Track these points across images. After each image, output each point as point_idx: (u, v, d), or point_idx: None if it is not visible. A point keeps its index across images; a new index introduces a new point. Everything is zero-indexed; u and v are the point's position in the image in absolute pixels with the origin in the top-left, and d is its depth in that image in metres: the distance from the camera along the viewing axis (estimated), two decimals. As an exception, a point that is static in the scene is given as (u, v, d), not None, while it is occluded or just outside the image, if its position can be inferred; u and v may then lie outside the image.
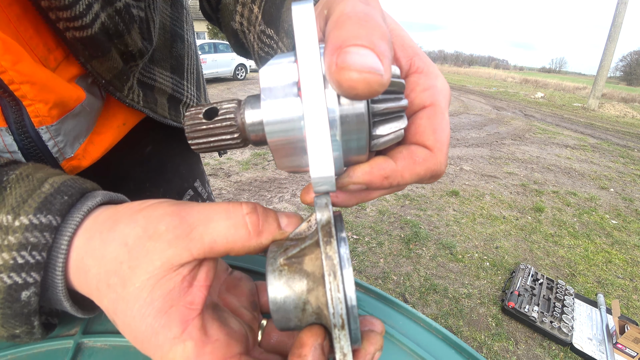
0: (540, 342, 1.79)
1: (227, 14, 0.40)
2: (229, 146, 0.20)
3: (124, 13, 0.32)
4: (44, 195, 0.20)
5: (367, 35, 0.14)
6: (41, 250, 0.19)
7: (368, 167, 0.18)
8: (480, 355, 0.31)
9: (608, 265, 2.52)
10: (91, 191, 0.23)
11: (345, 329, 0.16)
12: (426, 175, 0.19)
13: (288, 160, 0.19)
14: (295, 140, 0.18)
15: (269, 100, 0.18)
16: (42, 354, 0.29)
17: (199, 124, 0.19)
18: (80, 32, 0.29)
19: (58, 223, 0.20)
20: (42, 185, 0.21)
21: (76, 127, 0.34)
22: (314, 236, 0.19)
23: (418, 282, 2.16)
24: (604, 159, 5.19)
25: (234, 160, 3.76)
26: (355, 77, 0.13)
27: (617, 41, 11.34)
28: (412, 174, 0.19)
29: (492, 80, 24.53)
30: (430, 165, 0.19)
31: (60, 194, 0.21)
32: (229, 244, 0.20)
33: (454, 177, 3.83)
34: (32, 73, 0.27)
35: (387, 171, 0.18)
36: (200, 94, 0.57)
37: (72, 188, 0.21)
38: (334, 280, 0.16)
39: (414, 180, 0.19)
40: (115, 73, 0.34)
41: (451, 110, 7.99)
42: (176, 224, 0.19)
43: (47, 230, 0.20)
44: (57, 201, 0.20)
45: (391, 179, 0.18)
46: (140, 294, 0.18)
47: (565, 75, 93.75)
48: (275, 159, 0.19)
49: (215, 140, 0.19)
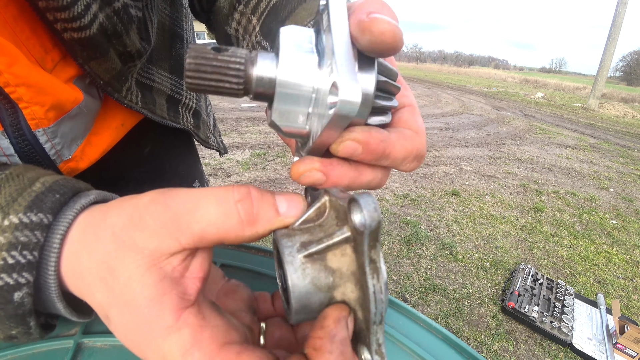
0: (540, 342, 1.79)
1: (221, 18, 0.39)
2: (227, 90, 0.18)
3: (122, 13, 0.32)
4: (35, 194, 0.20)
5: (389, 11, 0.17)
6: (32, 249, 0.19)
7: (367, 128, 0.19)
8: (480, 355, 0.31)
9: (608, 265, 2.52)
10: (84, 191, 0.23)
11: (382, 324, 0.17)
12: (412, 151, 0.21)
13: (288, 114, 0.19)
14: (303, 98, 0.18)
15: (287, 54, 0.18)
16: (42, 354, 0.29)
17: (204, 56, 0.18)
18: (78, 33, 0.28)
19: (50, 221, 0.19)
20: (33, 184, 0.21)
21: (73, 129, 0.33)
22: (342, 233, 0.18)
23: (418, 282, 2.15)
24: (604, 159, 5.19)
25: (234, 160, 3.76)
26: (386, 26, 0.16)
27: (617, 41, 11.34)
28: (402, 146, 0.20)
29: (492, 80, 24.53)
30: (416, 144, 0.21)
31: (52, 192, 0.20)
32: (220, 233, 0.18)
33: (454, 177, 3.83)
34: (28, 75, 0.27)
35: (383, 135, 0.19)
36: (199, 94, 0.57)
37: (64, 187, 0.21)
38: (377, 283, 0.17)
39: (402, 155, 0.20)
40: (113, 74, 0.34)
41: (451, 110, 8.00)
42: (161, 212, 0.18)
43: (38, 229, 0.19)
44: (49, 199, 0.20)
45: (385, 144, 0.19)
46: (131, 284, 0.17)
47: (565, 75, 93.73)
48: (275, 109, 0.19)
49: (216, 79, 0.18)
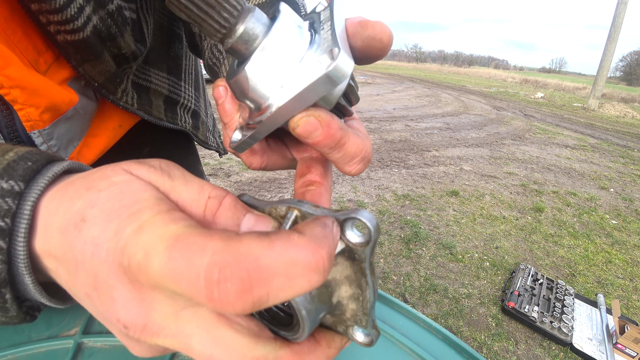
0: (540, 342, 1.79)
1: None
2: (208, 27, 0.17)
3: (116, 16, 0.31)
4: (7, 162, 0.19)
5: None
6: (4, 216, 0.18)
7: (330, 113, 0.20)
8: (480, 355, 0.31)
9: (608, 265, 2.52)
10: (59, 160, 0.22)
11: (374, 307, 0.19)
12: (363, 149, 0.21)
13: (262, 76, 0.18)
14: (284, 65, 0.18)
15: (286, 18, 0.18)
16: (42, 354, 0.29)
17: None
18: (71, 36, 0.28)
19: (21, 189, 0.19)
20: (6, 153, 0.20)
21: (69, 131, 0.33)
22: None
23: (418, 282, 2.15)
24: (604, 159, 5.19)
25: (234, 160, 3.76)
26: (385, 27, 0.18)
27: (617, 41, 11.34)
28: (355, 141, 0.21)
29: (492, 81, 24.53)
30: (366, 144, 0.21)
31: (24, 160, 0.20)
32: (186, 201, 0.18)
33: (454, 177, 3.83)
34: (22, 77, 0.27)
35: (342, 124, 0.20)
36: (199, 95, 0.56)
37: (37, 155, 0.20)
38: (375, 278, 0.18)
39: (354, 149, 0.21)
40: (107, 76, 0.34)
41: (451, 110, 8.00)
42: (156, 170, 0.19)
43: (9, 196, 0.18)
44: (20, 167, 0.19)
45: (343, 132, 0.20)
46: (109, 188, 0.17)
47: (565, 75, 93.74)
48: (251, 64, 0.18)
49: (200, 10, 0.16)
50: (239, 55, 0.19)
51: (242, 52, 0.18)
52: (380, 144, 4.80)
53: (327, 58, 0.16)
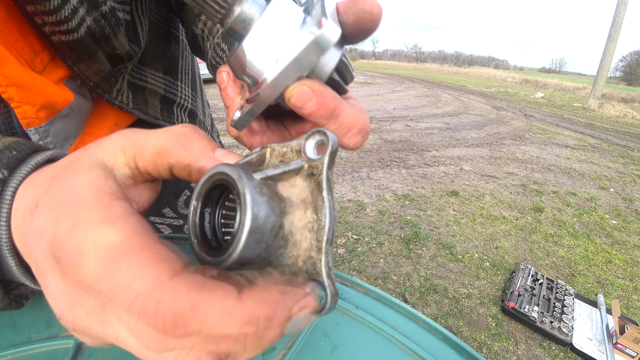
0: (540, 342, 1.79)
1: (190, 18, 0.40)
2: (209, 9, 0.19)
3: (109, 17, 0.32)
4: None
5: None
6: None
7: (323, 84, 0.20)
8: (480, 355, 0.31)
9: (608, 265, 2.52)
10: (44, 150, 0.23)
11: (332, 246, 0.19)
12: (359, 121, 0.21)
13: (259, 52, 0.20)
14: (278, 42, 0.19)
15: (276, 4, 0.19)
16: (42, 354, 0.29)
17: None
18: (66, 36, 0.29)
19: (5, 176, 0.20)
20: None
21: (65, 129, 0.34)
22: (296, 163, 0.19)
23: (418, 282, 2.16)
24: (604, 159, 5.19)
25: (234, 160, 3.76)
26: (375, 3, 0.19)
27: (617, 41, 11.34)
28: (350, 112, 0.21)
29: (492, 81, 24.54)
30: (363, 117, 0.22)
31: (10, 149, 0.21)
32: (157, 147, 0.20)
33: (454, 177, 3.83)
34: (18, 76, 0.27)
35: (336, 95, 0.20)
36: (196, 95, 0.57)
37: (23, 145, 0.21)
38: (332, 199, 0.18)
39: (350, 121, 0.21)
40: (102, 76, 0.35)
41: (451, 110, 8.00)
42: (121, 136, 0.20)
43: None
44: (5, 156, 0.20)
45: (337, 102, 0.20)
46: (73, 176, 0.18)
47: (565, 75, 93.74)
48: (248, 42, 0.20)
49: None
50: (238, 36, 0.20)
51: (240, 32, 0.20)
52: (380, 144, 4.80)
53: (315, 28, 0.18)
